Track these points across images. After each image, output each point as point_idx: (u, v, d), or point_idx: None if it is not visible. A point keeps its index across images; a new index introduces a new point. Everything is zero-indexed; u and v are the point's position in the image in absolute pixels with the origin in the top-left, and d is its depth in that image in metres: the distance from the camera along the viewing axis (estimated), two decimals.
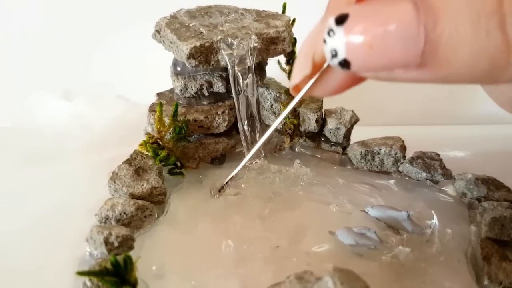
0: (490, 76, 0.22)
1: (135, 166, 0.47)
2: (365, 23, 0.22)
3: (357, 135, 0.55)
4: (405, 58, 0.22)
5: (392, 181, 0.52)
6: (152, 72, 0.60)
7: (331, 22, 0.23)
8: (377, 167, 0.53)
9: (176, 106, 0.49)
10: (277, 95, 0.53)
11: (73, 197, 0.50)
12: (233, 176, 0.47)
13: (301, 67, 0.27)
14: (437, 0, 0.21)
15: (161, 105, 0.48)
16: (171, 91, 0.57)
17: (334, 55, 0.23)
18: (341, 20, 0.23)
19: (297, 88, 0.28)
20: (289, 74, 0.53)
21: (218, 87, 0.52)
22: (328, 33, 0.23)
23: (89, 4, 0.75)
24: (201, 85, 0.52)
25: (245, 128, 0.50)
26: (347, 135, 0.54)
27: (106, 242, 0.37)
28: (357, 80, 0.27)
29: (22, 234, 0.45)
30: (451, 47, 0.21)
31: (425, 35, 0.21)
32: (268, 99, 0.54)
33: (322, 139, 0.56)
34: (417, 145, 0.53)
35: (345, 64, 0.23)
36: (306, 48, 0.27)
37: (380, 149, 0.52)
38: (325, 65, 0.26)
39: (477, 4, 0.21)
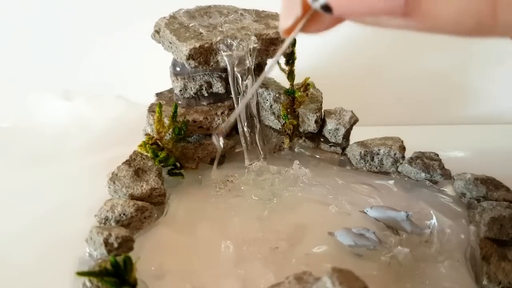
0: (476, 32, 0.22)
1: (135, 167, 0.47)
2: None
3: (356, 135, 0.55)
4: (388, 8, 0.21)
5: (391, 182, 0.52)
6: (152, 72, 0.60)
7: None
8: (376, 168, 0.53)
9: (176, 106, 0.49)
10: (277, 95, 0.53)
11: (73, 197, 0.50)
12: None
13: (290, 8, 0.26)
14: None
15: (160, 105, 0.48)
16: (171, 91, 0.57)
17: None
18: None
19: (288, 31, 0.27)
20: (288, 75, 0.53)
21: (218, 87, 0.52)
22: None
23: (89, 4, 0.75)
24: (201, 86, 0.52)
25: (245, 128, 0.50)
26: (347, 136, 0.54)
27: (106, 243, 0.37)
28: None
29: (22, 234, 0.45)
30: (435, 1, 0.21)
31: None
32: (267, 100, 0.54)
33: (322, 140, 0.56)
34: (416, 145, 0.53)
35: (327, 8, 0.23)
36: None
37: (379, 150, 0.52)
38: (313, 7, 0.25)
39: None
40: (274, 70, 0.54)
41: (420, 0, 0.21)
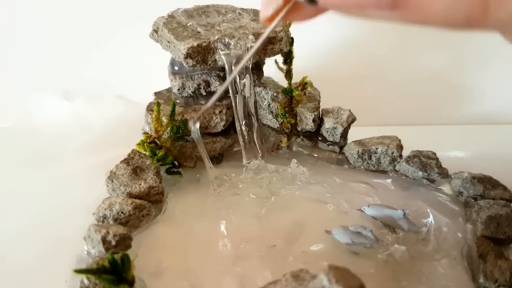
0: (466, 26, 0.21)
1: (133, 165, 0.48)
2: None
3: (354, 135, 0.55)
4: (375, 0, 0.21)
5: (388, 180, 0.52)
6: (152, 72, 0.60)
7: None
8: (373, 166, 0.53)
9: (174, 105, 0.49)
10: (275, 94, 0.54)
11: (72, 197, 0.50)
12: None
13: None
14: None
15: (158, 104, 0.49)
16: (169, 90, 0.57)
17: None
18: None
19: (269, 19, 0.27)
20: (286, 74, 0.53)
21: (216, 86, 0.52)
22: None
23: (89, 4, 0.75)
24: (199, 85, 0.52)
25: (243, 127, 0.51)
26: (344, 135, 0.55)
27: (104, 240, 0.38)
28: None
29: (21, 233, 0.45)
30: None
31: None
32: (265, 99, 0.54)
33: (319, 139, 0.56)
34: (414, 145, 0.53)
35: (312, 0, 0.23)
36: None
37: (376, 149, 0.52)
38: None
39: None
40: (272, 70, 0.54)
41: None
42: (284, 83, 0.54)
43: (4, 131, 0.67)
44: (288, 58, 0.52)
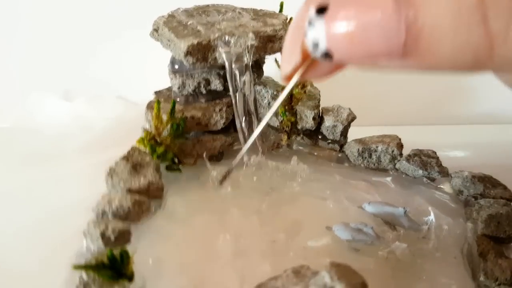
0: (473, 67, 0.22)
1: (132, 162, 0.47)
2: (346, 14, 0.22)
3: (355, 135, 0.55)
4: (387, 49, 0.22)
5: (389, 179, 0.52)
6: (152, 72, 0.60)
7: (311, 12, 0.23)
8: (374, 165, 0.53)
9: (174, 103, 0.49)
10: (274, 93, 0.54)
11: (72, 197, 0.50)
12: (232, 168, 0.44)
13: (290, 55, 0.27)
14: None
15: (158, 102, 0.49)
16: (169, 89, 0.57)
17: (316, 46, 0.23)
18: (321, 10, 0.22)
19: (288, 77, 0.28)
20: None
21: (216, 84, 0.52)
22: (309, 24, 0.23)
23: (89, 4, 0.75)
24: (199, 83, 0.52)
25: (243, 125, 0.50)
26: (344, 133, 0.55)
27: (103, 236, 0.37)
28: (345, 65, 0.26)
29: (21, 233, 0.45)
30: (433, 40, 0.21)
31: (406, 27, 0.21)
32: (265, 97, 0.54)
33: (319, 137, 0.56)
34: (415, 145, 0.53)
35: (327, 55, 0.23)
36: (292, 36, 0.27)
37: (377, 147, 0.52)
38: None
39: None
40: (272, 68, 0.55)
41: (418, 40, 0.21)
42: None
43: (4, 131, 0.67)
44: None
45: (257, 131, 0.36)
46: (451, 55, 0.21)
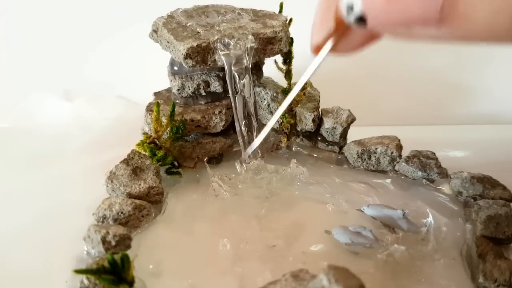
0: (510, 35, 0.21)
1: (133, 165, 0.48)
2: None
3: (354, 135, 0.55)
4: (423, 13, 0.21)
5: (388, 180, 0.52)
6: (153, 72, 0.60)
7: None
8: (373, 166, 0.53)
9: (173, 105, 0.49)
10: (274, 94, 0.54)
11: (72, 197, 0.50)
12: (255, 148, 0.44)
13: (323, 23, 0.26)
14: None
15: (158, 104, 0.49)
16: (169, 90, 0.57)
17: (351, 9, 0.22)
18: None
19: (318, 48, 0.26)
20: (286, 74, 0.53)
21: (215, 86, 0.52)
22: None
23: (89, 5, 0.75)
24: (198, 85, 0.52)
25: (242, 127, 0.51)
26: (344, 135, 0.55)
27: (104, 241, 0.38)
28: (377, 35, 0.26)
29: (21, 233, 0.45)
30: (470, 5, 0.20)
31: None
32: (265, 99, 0.54)
33: (319, 139, 0.56)
34: (415, 145, 0.53)
35: (361, 20, 0.22)
36: (325, 3, 0.26)
37: (376, 148, 0.52)
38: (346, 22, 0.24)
39: None
40: (272, 70, 0.55)
41: (456, 4, 0.21)
42: (283, 83, 0.54)
43: (4, 131, 0.67)
44: (287, 58, 0.52)
45: (279, 111, 0.34)
46: (488, 21, 0.21)
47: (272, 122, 0.37)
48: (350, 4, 0.22)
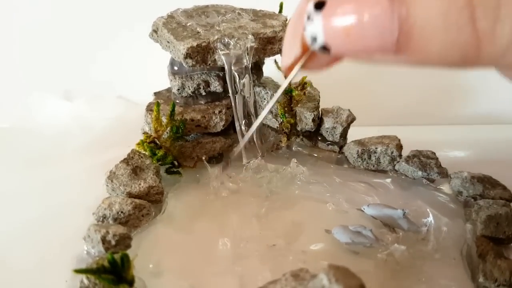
0: (462, 64, 0.23)
1: (133, 165, 0.48)
2: (343, 10, 0.23)
3: (354, 135, 0.55)
4: (381, 45, 0.23)
5: (388, 180, 0.52)
6: (153, 72, 0.60)
7: (310, 7, 0.24)
8: (373, 166, 0.53)
9: (173, 105, 0.49)
10: (274, 94, 0.54)
11: (72, 197, 0.50)
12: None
13: (291, 48, 0.28)
14: None
15: (158, 104, 0.49)
16: (169, 90, 0.57)
17: (314, 40, 0.24)
18: (319, 5, 0.23)
19: (288, 69, 0.29)
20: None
21: (215, 86, 0.52)
22: (308, 18, 0.24)
23: (89, 5, 0.75)
24: (198, 85, 0.52)
25: (242, 127, 0.51)
26: (344, 134, 0.55)
27: (103, 240, 0.38)
28: (342, 57, 0.28)
29: (21, 233, 0.45)
30: (423, 38, 0.22)
31: (399, 25, 0.22)
32: (265, 99, 0.54)
33: (319, 138, 0.56)
34: (415, 145, 0.53)
35: (325, 48, 0.24)
36: (293, 29, 0.28)
37: (376, 148, 0.52)
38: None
39: None
40: (272, 69, 0.55)
41: (410, 37, 0.22)
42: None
43: (4, 131, 0.67)
44: None
45: (258, 120, 0.36)
46: (441, 53, 0.22)
47: (254, 126, 0.40)
48: (314, 35, 0.24)
